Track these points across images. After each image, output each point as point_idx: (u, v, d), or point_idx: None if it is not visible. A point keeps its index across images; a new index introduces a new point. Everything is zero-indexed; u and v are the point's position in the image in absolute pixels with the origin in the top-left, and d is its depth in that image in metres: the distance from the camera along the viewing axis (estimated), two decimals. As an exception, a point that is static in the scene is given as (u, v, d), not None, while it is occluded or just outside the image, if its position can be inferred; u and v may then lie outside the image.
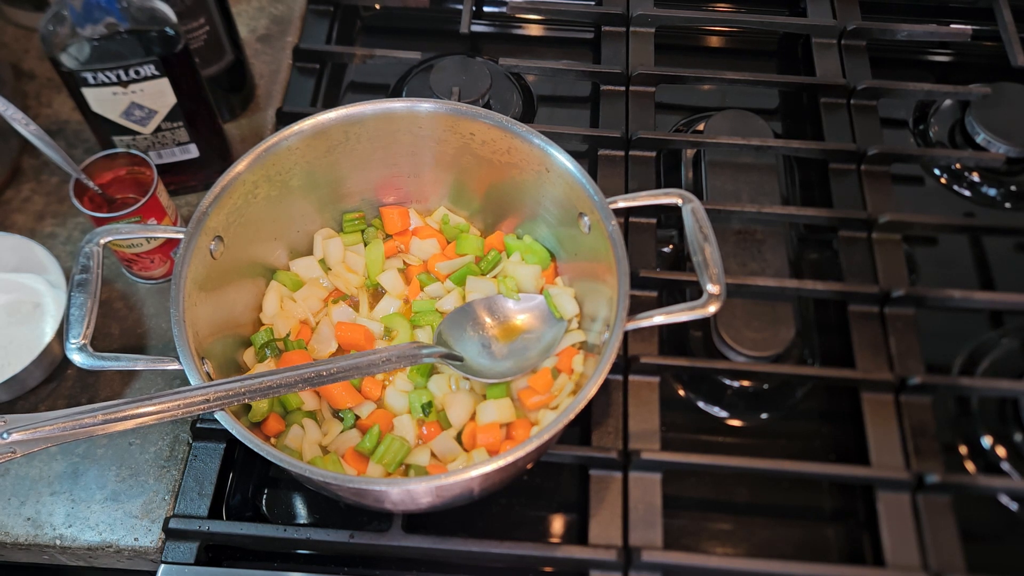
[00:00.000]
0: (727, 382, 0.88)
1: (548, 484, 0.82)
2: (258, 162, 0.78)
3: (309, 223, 0.87)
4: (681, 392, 0.88)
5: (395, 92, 1.06)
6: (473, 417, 0.78)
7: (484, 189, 0.87)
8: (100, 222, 0.83)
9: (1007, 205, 1.00)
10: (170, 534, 0.76)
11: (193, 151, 0.94)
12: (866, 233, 0.92)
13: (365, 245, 0.88)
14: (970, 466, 0.83)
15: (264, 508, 0.81)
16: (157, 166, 0.87)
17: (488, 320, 0.82)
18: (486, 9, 1.17)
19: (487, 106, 1.01)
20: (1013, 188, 1.00)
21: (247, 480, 0.82)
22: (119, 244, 0.87)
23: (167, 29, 0.83)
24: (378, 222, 0.90)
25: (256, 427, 0.77)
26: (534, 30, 1.17)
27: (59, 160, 0.82)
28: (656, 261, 0.91)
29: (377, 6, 1.17)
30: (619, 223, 0.76)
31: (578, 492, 0.81)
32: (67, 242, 0.96)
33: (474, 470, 0.63)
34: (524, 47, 1.16)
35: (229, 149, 0.99)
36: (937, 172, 1.02)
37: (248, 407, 0.76)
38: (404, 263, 0.88)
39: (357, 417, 0.78)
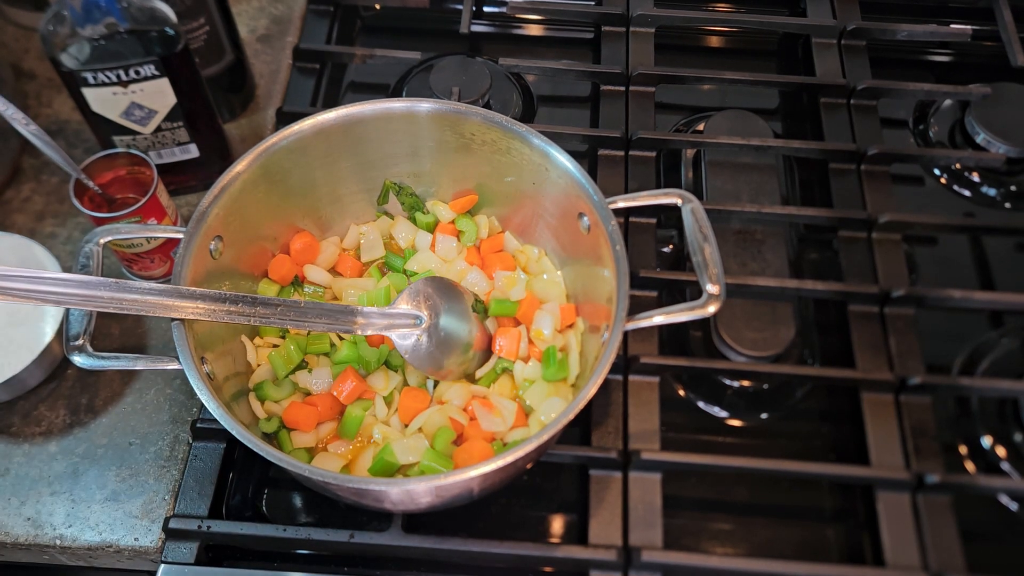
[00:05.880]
0: (727, 382, 0.88)
1: (548, 484, 0.82)
2: (258, 162, 0.78)
3: (309, 223, 0.87)
4: (681, 392, 0.88)
5: (395, 92, 1.06)
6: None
7: (484, 189, 0.87)
8: (100, 222, 0.83)
9: (1007, 205, 1.00)
10: (170, 534, 0.76)
11: (193, 151, 0.94)
12: (866, 233, 0.92)
13: None
14: (970, 466, 0.82)
15: (264, 508, 0.81)
16: (157, 166, 0.87)
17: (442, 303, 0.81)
18: (486, 9, 1.16)
19: (487, 106, 1.01)
20: (1013, 188, 1.00)
21: (247, 480, 0.82)
22: (119, 244, 0.87)
23: (167, 29, 0.83)
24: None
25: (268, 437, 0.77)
26: (534, 30, 1.17)
27: (59, 160, 0.82)
28: (656, 261, 0.91)
29: (377, 6, 1.17)
30: (619, 223, 0.76)
31: (578, 492, 0.81)
32: (67, 242, 0.96)
33: (474, 470, 0.63)
34: (524, 47, 1.16)
35: (229, 149, 0.99)
36: (937, 172, 1.02)
37: (257, 418, 0.77)
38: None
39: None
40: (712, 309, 0.70)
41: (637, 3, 1.09)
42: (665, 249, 0.96)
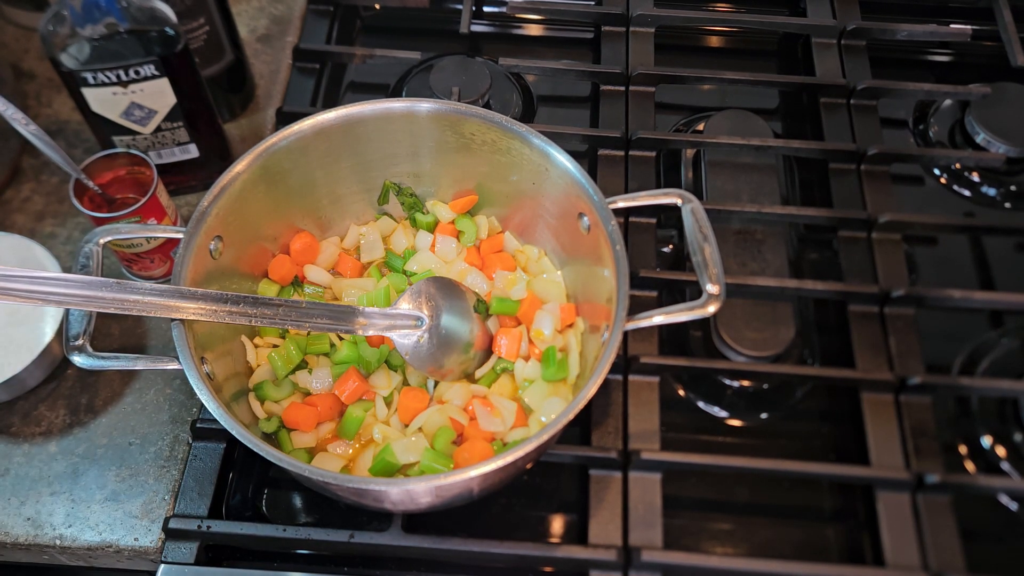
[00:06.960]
0: (727, 382, 0.88)
1: (548, 484, 0.82)
2: (258, 162, 0.78)
3: (309, 223, 0.87)
4: (681, 392, 0.88)
5: (395, 92, 1.06)
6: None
7: (484, 189, 0.87)
8: (100, 222, 0.83)
9: (1007, 205, 1.00)
10: (170, 534, 0.76)
11: (193, 151, 0.94)
12: (866, 233, 0.92)
13: None
14: (970, 466, 0.82)
15: (264, 508, 0.81)
16: (157, 166, 0.87)
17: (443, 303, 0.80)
18: (486, 9, 1.17)
19: (487, 106, 1.01)
20: (1013, 188, 1.00)
21: (247, 480, 0.82)
22: (119, 244, 0.87)
23: (167, 29, 0.83)
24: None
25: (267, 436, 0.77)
26: (534, 30, 1.18)
27: (59, 160, 0.82)
28: (656, 261, 0.91)
29: (377, 6, 1.17)
30: (619, 223, 0.76)
31: (578, 492, 0.81)
32: (67, 242, 0.96)
33: (474, 470, 0.63)
34: (524, 47, 1.16)
35: (229, 149, 0.99)
36: (937, 172, 1.02)
37: (257, 418, 0.77)
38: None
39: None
40: (712, 309, 0.70)
41: (637, 3, 1.09)
42: (665, 249, 0.96)
